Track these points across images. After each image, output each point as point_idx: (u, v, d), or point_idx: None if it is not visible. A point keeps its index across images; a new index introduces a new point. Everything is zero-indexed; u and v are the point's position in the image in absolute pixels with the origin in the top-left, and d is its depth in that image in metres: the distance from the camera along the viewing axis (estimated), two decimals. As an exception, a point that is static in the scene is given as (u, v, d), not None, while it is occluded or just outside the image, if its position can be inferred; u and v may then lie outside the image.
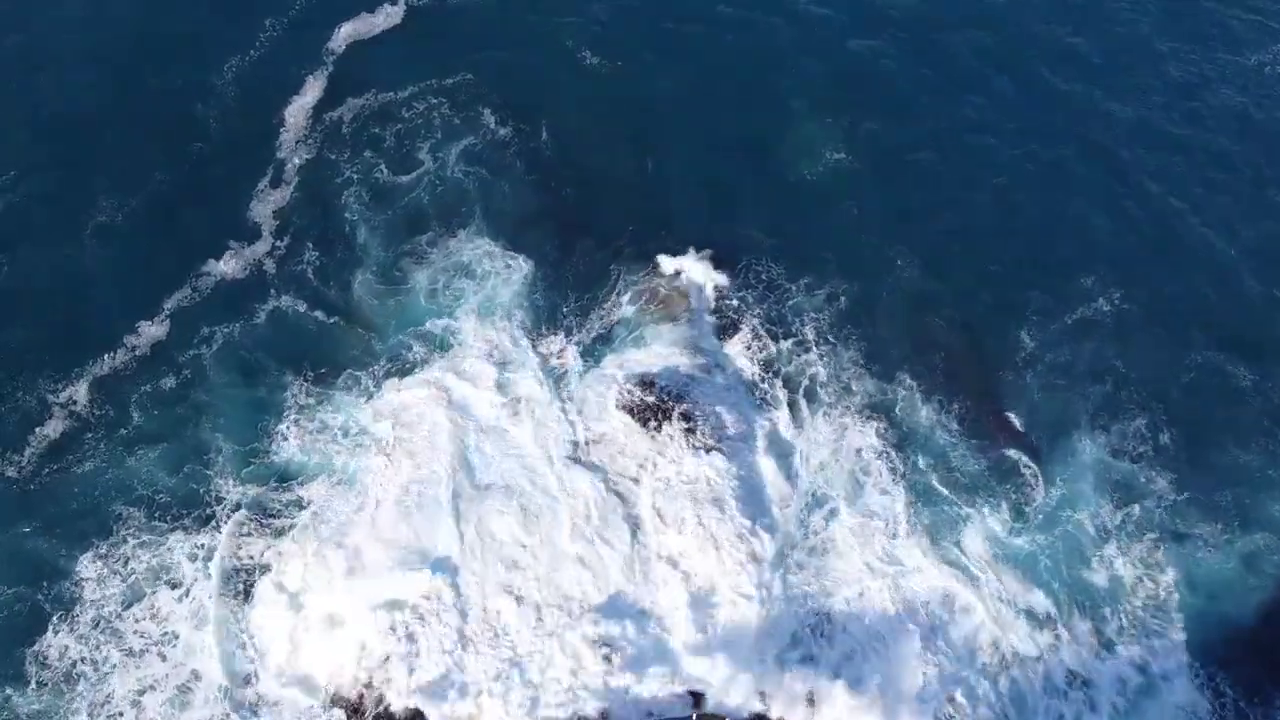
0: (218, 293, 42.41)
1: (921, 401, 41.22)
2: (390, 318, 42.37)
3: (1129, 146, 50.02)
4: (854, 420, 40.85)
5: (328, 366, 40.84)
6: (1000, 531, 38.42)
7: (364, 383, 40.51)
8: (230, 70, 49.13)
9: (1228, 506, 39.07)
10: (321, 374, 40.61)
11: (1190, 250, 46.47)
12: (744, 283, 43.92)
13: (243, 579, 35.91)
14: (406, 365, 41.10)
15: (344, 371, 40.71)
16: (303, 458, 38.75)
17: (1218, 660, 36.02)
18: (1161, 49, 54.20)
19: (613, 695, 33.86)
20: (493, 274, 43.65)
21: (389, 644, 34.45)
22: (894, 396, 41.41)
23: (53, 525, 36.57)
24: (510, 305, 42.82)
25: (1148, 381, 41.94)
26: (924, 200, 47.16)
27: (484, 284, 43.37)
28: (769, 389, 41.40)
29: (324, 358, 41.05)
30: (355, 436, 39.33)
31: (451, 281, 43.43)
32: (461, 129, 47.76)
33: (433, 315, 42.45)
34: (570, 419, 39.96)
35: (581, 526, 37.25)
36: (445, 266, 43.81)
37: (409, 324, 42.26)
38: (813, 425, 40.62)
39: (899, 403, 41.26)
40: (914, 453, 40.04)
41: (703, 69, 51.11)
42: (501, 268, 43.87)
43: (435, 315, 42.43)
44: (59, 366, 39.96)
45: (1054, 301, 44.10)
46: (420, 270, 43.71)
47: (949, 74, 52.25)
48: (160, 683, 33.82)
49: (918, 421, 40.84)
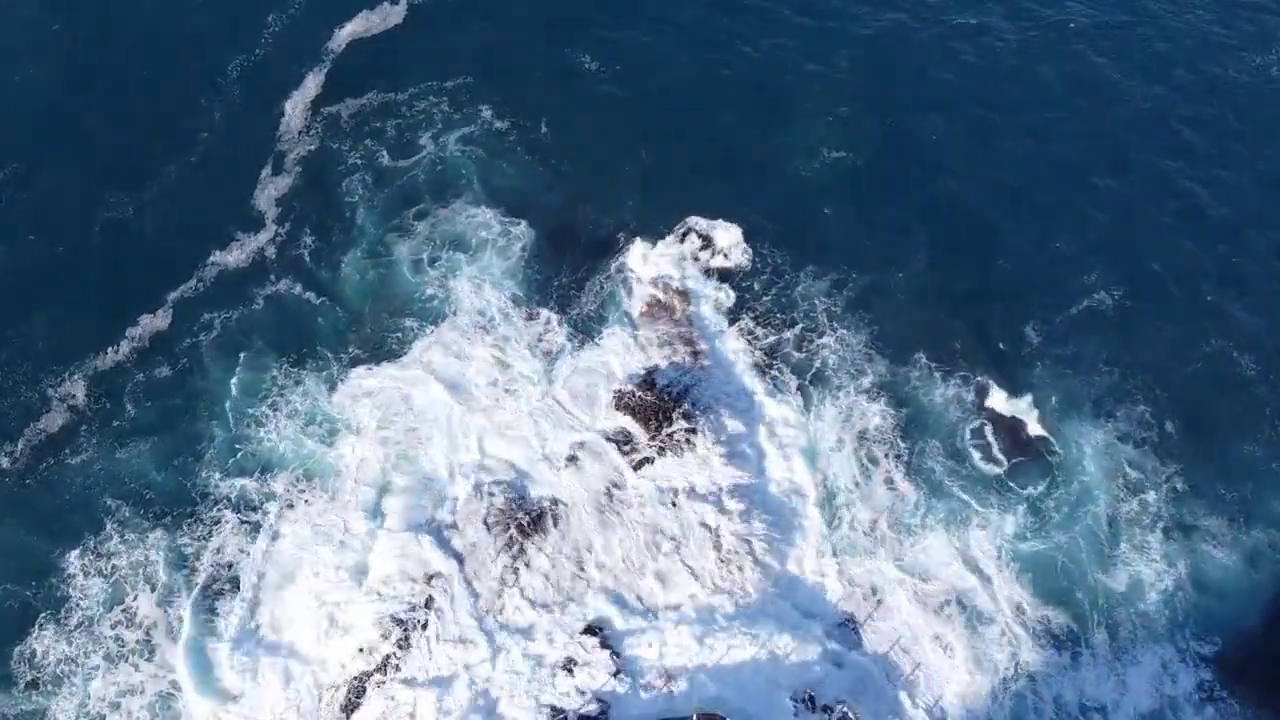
0: (220, 282, 42.37)
1: (932, 389, 40.88)
2: (386, 297, 42.33)
3: (1137, 140, 50.03)
4: (862, 410, 40.34)
5: (320, 350, 40.68)
6: (1011, 527, 37.91)
7: (347, 366, 40.28)
8: (235, 69, 49.38)
9: (1235, 501, 38.74)
10: (312, 358, 40.46)
11: (1197, 241, 46.42)
12: (748, 271, 43.66)
13: (224, 582, 35.33)
14: (394, 347, 40.89)
15: (335, 353, 40.59)
16: (288, 447, 38.28)
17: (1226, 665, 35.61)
18: (1168, 44, 54.49)
19: (612, 694, 33.20)
20: (489, 244, 43.68)
21: (385, 645, 33.77)
22: (903, 386, 41.00)
23: (44, 520, 36.09)
24: (503, 278, 42.69)
25: (1154, 372, 41.70)
26: (928, 193, 47.06)
27: (479, 256, 43.32)
28: (776, 375, 40.97)
29: (318, 341, 40.96)
30: (341, 421, 38.91)
31: (445, 254, 43.49)
32: (460, 122, 47.92)
33: (426, 291, 42.38)
34: (568, 410, 39.39)
35: (580, 526, 36.67)
36: (439, 238, 43.94)
37: (403, 301, 42.25)
38: (819, 415, 40.17)
39: (908, 391, 40.89)
40: (924, 442, 39.63)
41: (704, 69, 51.25)
42: (498, 237, 43.88)
43: (428, 291, 42.34)
44: (60, 360, 39.77)
45: (1060, 294, 43.89)
46: (412, 244, 43.75)
47: (953, 69, 52.50)
48: (138, 688, 33.12)
49: (928, 411, 40.46)
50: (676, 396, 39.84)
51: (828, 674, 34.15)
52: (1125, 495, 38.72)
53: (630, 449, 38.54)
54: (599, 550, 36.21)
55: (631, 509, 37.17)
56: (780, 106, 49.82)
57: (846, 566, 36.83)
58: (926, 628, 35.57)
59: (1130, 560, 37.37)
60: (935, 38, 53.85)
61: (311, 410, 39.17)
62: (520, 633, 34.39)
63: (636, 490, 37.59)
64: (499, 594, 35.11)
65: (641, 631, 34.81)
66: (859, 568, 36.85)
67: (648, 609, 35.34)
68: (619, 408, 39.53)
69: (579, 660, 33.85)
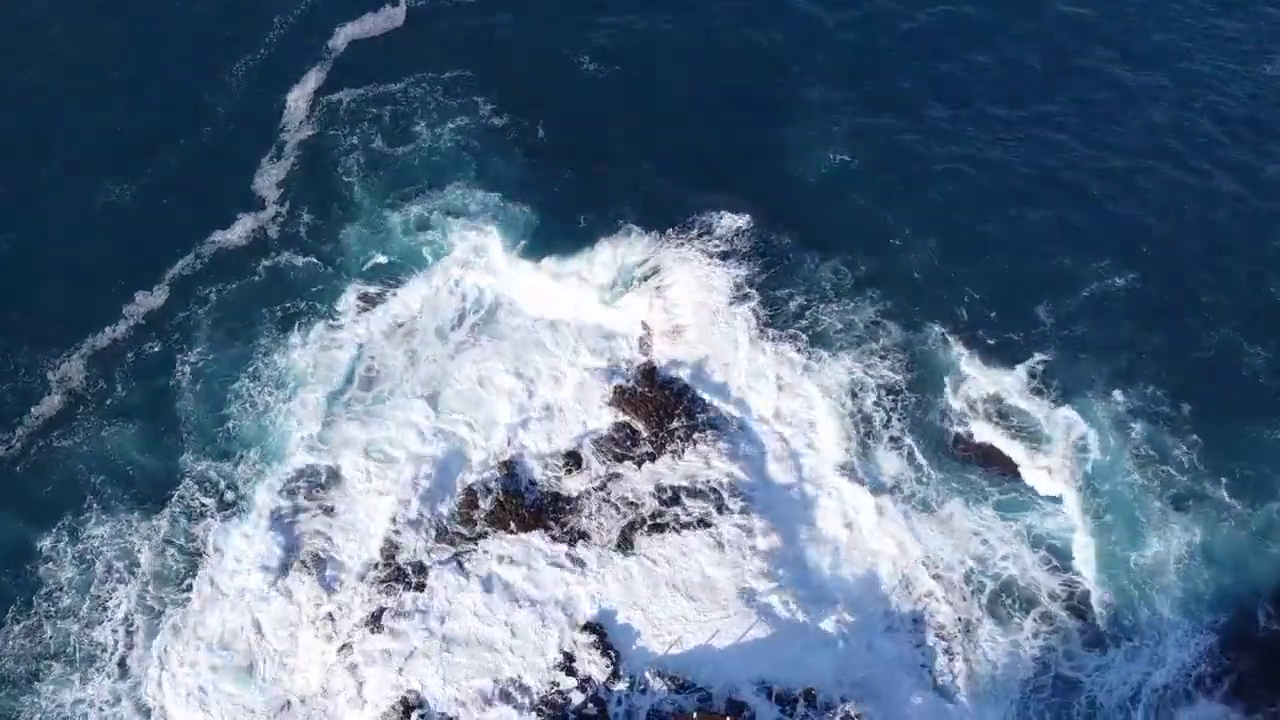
0: (218, 259, 42.75)
1: (941, 369, 40.49)
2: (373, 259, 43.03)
3: (1148, 128, 49.82)
4: (869, 390, 39.75)
5: (308, 317, 41.20)
6: (1023, 503, 37.51)
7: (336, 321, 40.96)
8: (240, 66, 49.83)
9: (1247, 479, 38.29)
10: (298, 320, 41.03)
11: (1208, 226, 46.19)
12: (752, 259, 43.14)
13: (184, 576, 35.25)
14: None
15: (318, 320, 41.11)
16: (270, 421, 38.54)
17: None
18: (1176, 36, 54.34)
19: (611, 693, 32.82)
20: (480, 217, 44.22)
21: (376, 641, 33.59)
22: (912, 366, 40.56)
23: (28, 505, 35.94)
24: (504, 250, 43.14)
25: (1166, 355, 41.32)
26: (939, 184, 46.85)
27: (471, 226, 43.89)
28: (779, 361, 40.42)
29: (307, 310, 41.45)
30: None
31: (439, 221, 44.04)
32: (458, 113, 48.07)
33: (417, 253, 43.21)
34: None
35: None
36: (434, 209, 44.47)
37: (391, 258, 43.09)
38: (825, 397, 39.61)
39: (916, 372, 40.44)
40: (935, 422, 39.21)
41: (702, 68, 51.10)
42: (491, 216, 44.31)
43: (418, 256, 43.12)
44: (60, 343, 39.94)
45: (1073, 279, 43.49)
46: (409, 213, 44.32)
47: (958, 63, 52.28)
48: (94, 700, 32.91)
49: (938, 391, 40.01)
50: (678, 392, 39.40)
51: (833, 663, 33.54)
52: (1138, 471, 38.25)
53: (631, 444, 38.08)
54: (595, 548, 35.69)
55: (632, 504, 36.70)
56: (785, 95, 49.71)
57: (852, 551, 36.33)
58: (943, 606, 34.95)
59: (1144, 535, 36.86)
60: (943, 27, 53.84)
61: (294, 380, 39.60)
62: (511, 629, 34.41)
63: (637, 488, 37.06)
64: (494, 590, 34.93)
65: (641, 629, 34.21)
66: (867, 550, 36.29)
67: (648, 607, 34.65)
68: (620, 403, 39.01)
69: (577, 658, 33.31)
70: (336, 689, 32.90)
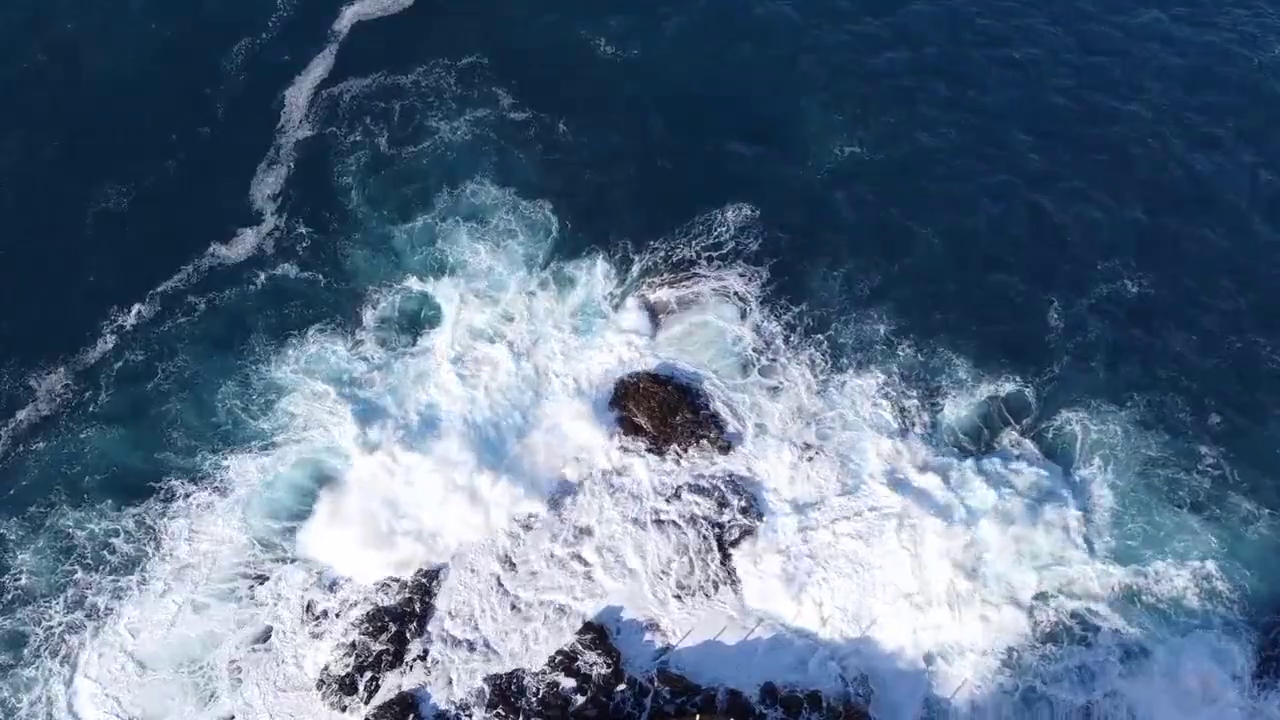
0: (212, 269, 42.35)
1: (952, 373, 39.93)
2: (382, 274, 42.40)
3: (1163, 125, 48.54)
4: (878, 393, 39.25)
5: (303, 328, 40.80)
6: (1042, 509, 36.79)
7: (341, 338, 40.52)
8: (239, 54, 49.17)
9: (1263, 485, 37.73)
10: (292, 335, 40.59)
11: (1224, 233, 45.04)
12: (763, 260, 42.64)
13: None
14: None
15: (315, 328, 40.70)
16: (268, 423, 38.47)
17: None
18: (1182, 32, 52.72)
19: (611, 693, 32.96)
20: (498, 222, 43.54)
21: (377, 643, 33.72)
22: (923, 369, 40.07)
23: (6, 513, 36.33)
24: (517, 258, 42.59)
25: (1182, 361, 40.63)
26: (947, 187, 45.96)
27: (486, 233, 43.27)
28: (786, 362, 40.01)
29: (305, 320, 41.06)
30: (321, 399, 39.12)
31: (452, 232, 43.34)
32: (474, 103, 47.32)
33: (428, 264, 42.53)
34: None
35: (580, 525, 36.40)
36: (446, 216, 43.86)
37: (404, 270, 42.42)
38: (833, 399, 39.21)
39: (928, 375, 39.95)
40: (947, 427, 38.74)
41: (719, 59, 50.07)
42: (509, 219, 43.67)
43: (429, 267, 42.45)
44: (45, 352, 39.90)
45: (1083, 285, 42.73)
46: (420, 220, 43.73)
47: (964, 62, 51.02)
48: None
49: (949, 394, 39.49)
50: (683, 389, 39.08)
51: (834, 665, 33.54)
52: (1153, 475, 37.74)
53: (635, 440, 37.90)
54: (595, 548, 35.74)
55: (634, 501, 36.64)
56: (799, 96, 48.69)
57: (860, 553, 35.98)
58: (951, 609, 34.63)
59: (1157, 541, 36.42)
60: (953, 29, 52.48)
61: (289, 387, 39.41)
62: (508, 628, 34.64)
63: (636, 487, 36.97)
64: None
65: (642, 628, 34.29)
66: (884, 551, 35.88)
67: (649, 605, 34.72)
68: (625, 398, 38.74)
69: (579, 658, 33.32)
70: (334, 688, 33.17)
